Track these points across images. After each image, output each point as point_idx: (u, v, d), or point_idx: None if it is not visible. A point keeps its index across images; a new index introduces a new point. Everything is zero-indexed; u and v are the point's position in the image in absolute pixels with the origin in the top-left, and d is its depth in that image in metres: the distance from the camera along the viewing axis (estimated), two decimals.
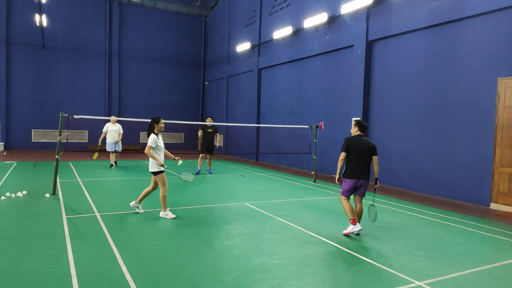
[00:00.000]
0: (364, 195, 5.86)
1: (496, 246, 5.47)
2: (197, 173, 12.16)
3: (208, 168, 12.67)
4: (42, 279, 3.75)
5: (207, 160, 12.64)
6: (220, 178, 11.64)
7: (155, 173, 6.33)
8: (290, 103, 15.59)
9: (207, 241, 5.20)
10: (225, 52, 21.54)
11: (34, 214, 6.34)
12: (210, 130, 12.18)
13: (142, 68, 22.56)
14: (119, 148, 13.07)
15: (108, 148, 12.86)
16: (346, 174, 5.76)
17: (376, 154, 5.77)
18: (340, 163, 5.79)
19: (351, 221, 5.64)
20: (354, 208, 5.81)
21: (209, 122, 12.35)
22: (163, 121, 6.39)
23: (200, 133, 12.25)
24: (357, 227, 5.63)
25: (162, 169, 6.30)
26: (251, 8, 18.60)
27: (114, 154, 13.14)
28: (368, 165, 5.77)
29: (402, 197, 9.21)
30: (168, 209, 6.47)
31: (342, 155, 5.75)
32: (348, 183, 5.73)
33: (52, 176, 8.96)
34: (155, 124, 6.37)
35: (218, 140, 11.95)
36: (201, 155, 12.28)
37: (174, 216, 6.37)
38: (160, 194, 6.37)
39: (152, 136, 6.31)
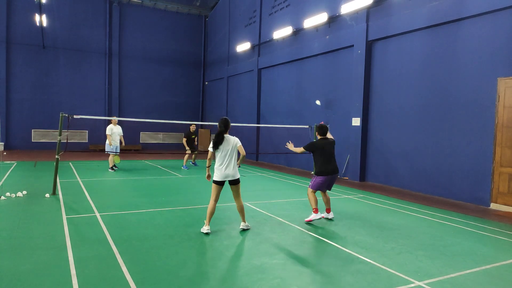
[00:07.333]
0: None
1: (496, 246, 5.47)
2: (186, 168, 13.86)
3: (193, 161, 14.85)
4: (42, 279, 3.75)
5: (193, 156, 14.69)
6: None
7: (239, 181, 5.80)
8: (290, 103, 15.59)
9: (207, 241, 5.21)
10: (225, 52, 21.54)
11: (34, 214, 6.34)
12: (193, 136, 14.07)
13: (142, 68, 22.57)
14: (118, 149, 12.52)
15: (108, 149, 12.16)
16: (318, 173, 6.34)
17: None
18: (298, 150, 6.58)
19: (314, 210, 6.25)
20: (323, 199, 6.69)
21: (192, 129, 14.02)
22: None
23: (184, 140, 13.95)
24: (318, 215, 6.24)
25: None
26: (251, 8, 18.60)
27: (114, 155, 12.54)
28: (335, 160, 6.48)
29: (401, 197, 9.21)
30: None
31: (300, 149, 6.54)
32: (321, 179, 6.30)
33: (52, 176, 8.97)
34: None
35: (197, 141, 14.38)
36: (187, 154, 13.93)
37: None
38: (241, 204, 5.86)
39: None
